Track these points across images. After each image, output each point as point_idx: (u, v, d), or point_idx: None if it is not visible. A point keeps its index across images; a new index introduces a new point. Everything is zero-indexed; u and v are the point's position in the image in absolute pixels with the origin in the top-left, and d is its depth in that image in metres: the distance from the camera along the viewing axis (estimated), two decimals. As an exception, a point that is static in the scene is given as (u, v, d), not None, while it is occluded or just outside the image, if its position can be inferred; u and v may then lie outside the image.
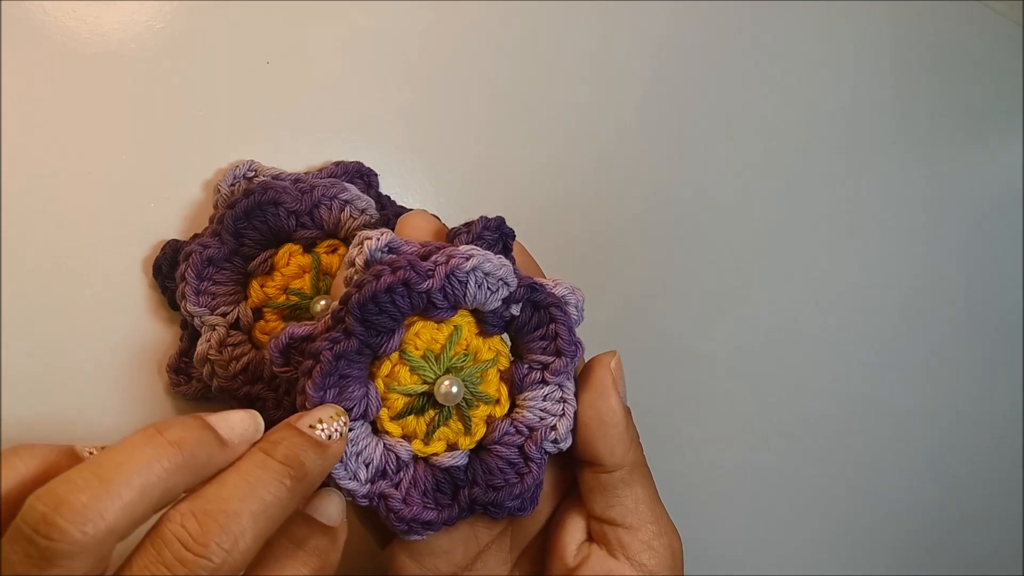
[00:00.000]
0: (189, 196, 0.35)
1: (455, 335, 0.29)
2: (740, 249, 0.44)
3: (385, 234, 0.28)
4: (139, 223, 0.34)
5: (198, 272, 0.32)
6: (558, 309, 0.30)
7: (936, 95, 0.50)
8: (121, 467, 0.21)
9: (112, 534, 0.21)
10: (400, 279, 0.26)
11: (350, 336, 0.27)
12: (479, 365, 0.29)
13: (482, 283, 0.28)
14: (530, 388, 0.30)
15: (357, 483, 0.28)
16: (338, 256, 0.34)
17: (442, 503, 0.29)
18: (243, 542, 0.22)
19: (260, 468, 0.24)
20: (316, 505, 0.26)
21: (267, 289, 0.33)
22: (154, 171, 0.34)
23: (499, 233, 0.29)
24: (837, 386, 0.46)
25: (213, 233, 0.33)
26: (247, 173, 0.34)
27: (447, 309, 0.28)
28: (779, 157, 0.45)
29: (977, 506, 0.51)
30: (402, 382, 0.28)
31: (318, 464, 0.25)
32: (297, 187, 0.34)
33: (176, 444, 0.22)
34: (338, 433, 0.26)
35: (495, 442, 0.30)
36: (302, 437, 0.25)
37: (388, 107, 0.38)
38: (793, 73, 0.46)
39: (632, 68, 0.42)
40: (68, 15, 0.33)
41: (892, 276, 0.48)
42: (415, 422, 0.29)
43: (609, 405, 0.29)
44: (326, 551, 0.26)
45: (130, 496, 0.21)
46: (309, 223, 0.34)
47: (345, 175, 0.36)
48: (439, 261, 0.27)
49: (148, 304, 0.34)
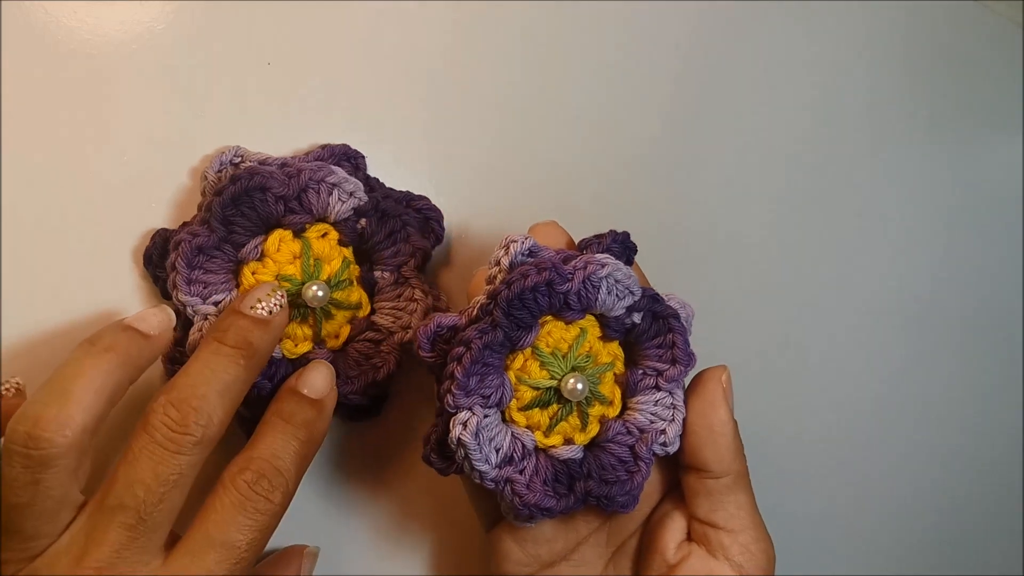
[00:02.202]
0: (177, 184, 0.35)
1: (581, 336, 0.31)
2: (739, 248, 0.44)
3: (528, 239, 0.31)
4: (130, 213, 0.34)
5: (188, 261, 0.32)
6: (676, 320, 0.32)
7: (935, 95, 0.50)
8: (74, 379, 0.26)
9: (85, 432, 0.26)
10: (544, 280, 0.29)
11: (496, 328, 0.29)
12: (599, 367, 0.32)
13: (612, 289, 0.30)
14: (643, 392, 0.32)
15: (488, 466, 0.30)
16: (328, 242, 0.34)
17: (560, 492, 0.31)
18: (216, 416, 0.27)
19: (216, 354, 0.28)
20: (303, 380, 0.30)
21: (259, 276, 0.33)
22: (144, 161, 0.34)
23: (624, 246, 0.32)
24: (836, 385, 0.47)
25: (202, 221, 0.33)
26: (233, 159, 0.34)
27: (579, 311, 0.31)
28: (778, 157, 0.45)
29: (978, 506, 0.52)
30: (532, 376, 0.31)
31: (265, 339, 0.29)
32: (284, 172, 0.33)
33: (110, 349, 0.27)
34: (277, 306, 0.30)
35: (608, 440, 0.32)
36: (246, 319, 0.29)
37: (387, 101, 0.38)
38: (791, 74, 0.46)
39: (643, 68, 0.42)
40: (68, 15, 0.33)
41: (891, 276, 0.49)
42: (539, 415, 0.31)
43: (720, 416, 0.31)
44: (313, 422, 0.30)
45: (89, 399, 0.26)
46: (298, 208, 0.33)
47: (332, 158, 0.35)
48: (578, 266, 0.30)
49: (140, 294, 0.34)
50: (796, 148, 0.46)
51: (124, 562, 0.25)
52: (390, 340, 0.35)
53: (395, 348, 0.34)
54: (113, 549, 0.25)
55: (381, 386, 0.34)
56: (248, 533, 0.26)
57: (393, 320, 0.35)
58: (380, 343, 0.35)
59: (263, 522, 0.27)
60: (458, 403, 0.30)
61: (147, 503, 0.25)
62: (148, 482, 0.26)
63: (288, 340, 0.33)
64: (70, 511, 0.26)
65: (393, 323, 0.35)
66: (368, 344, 0.35)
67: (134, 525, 0.25)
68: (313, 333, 0.34)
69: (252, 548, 0.27)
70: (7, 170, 0.32)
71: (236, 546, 0.26)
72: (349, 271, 0.35)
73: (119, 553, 0.25)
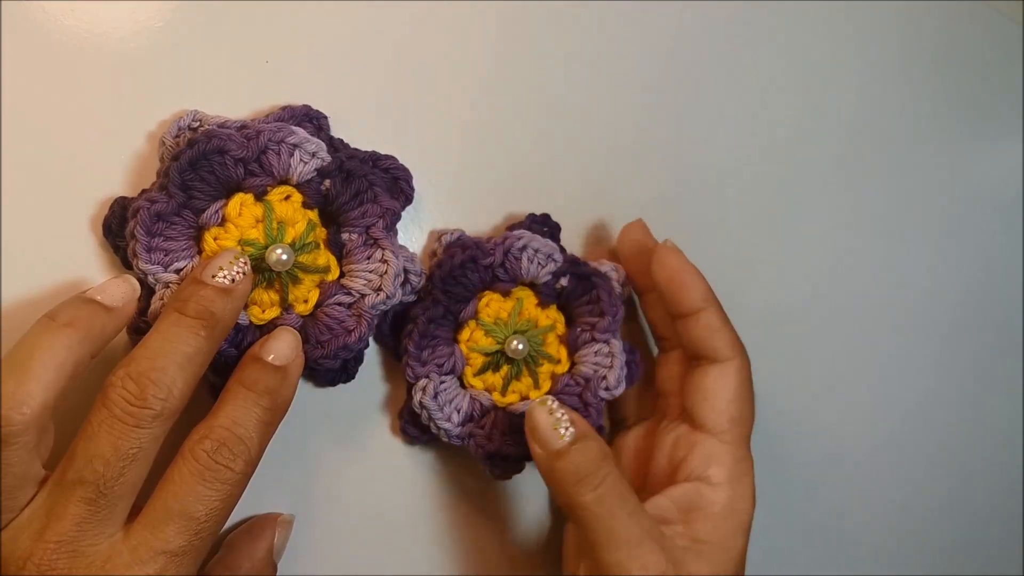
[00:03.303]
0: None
1: (518, 305, 0.36)
2: (737, 249, 0.44)
3: (458, 231, 0.36)
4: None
5: (147, 229, 0.31)
6: (598, 277, 0.36)
7: (936, 95, 0.50)
8: (34, 355, 0.25)
9: (44, 408, 0.25)
10: (469, 256, 0.34)
11: (436, 304, 0.34)
12: (540, 329, 0.36)
13: (533, 258, 0.35)
14: (583, 347, 0.36)
15: (451, 424, 0.34)
16: (291, 204, 0.33)
17: (519, 441, 0.34)
18: (176, 389, 0.26)
19: (176, 325, 0.27)
20: (267, 347, 0.30)
21: (221, 241, 0.32)
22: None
23: (544, 224, 0.37)
24: (835, 385, 0.47)
25: (160, 187, 0.32)
26: (191, 123, 0.33)
27: (509, 281, 0.35)
28: (777, 158, 0.45)
29: (978, 506, 0.52)
30: (479, 343, 0.35)
31: (228, 308, 0.29)
32: (243, 133, 0.32)
33: (70, 324, 0.26)
34: (240, 274, 0.29)
35: (558, 393, 0.36)
36: (208, 288, 0.28)
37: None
38: (792, 72, 0.45)
39: (633, 61, 0.42)
40: (67, 15, 0.32)
41: (891, 276, 0.49)
42: (493, 377, 0.36)
43: (659, 256, 0.36)
44: (277, 389, 0.29)
45: (48, 376, 0.25)
46: (258, 170, 0.33)
47: (293, 119, 0.34)
48: (497, 242, 0.35)
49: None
50: (795, 148, 0.46)
51: (85, 535, 0.25)
52: (361, 303, 0.34)
53: (366, 311, 0.34)
54: (74, 523, 0.25)
55: (352, 350, 0.34)
56: (208, 503, 0.26)
57: (364, 283, 0.34)
58: (351, 306, 0.34)
59: (224, 491, 0.26)
60: (416, 372, 0.34)
61: (107, 477, 0.25)
62: (107, 456, 0.25)
63: (255, 306, 0.33)
64: (32, 487, 0.26)
65: (364, 286, 0.34)
66: (338, 308, 0.34)
67: (94, 499, 0.25)
68: (280, 298, 0.33)
69: (213, 518, 0.26)
70: (8, 170, 0.32)
71: (195, 516, 0.26)
72: (315, 234, 0.34)
73: (80, 527, 0.25)
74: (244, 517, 0.34)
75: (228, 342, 0.31)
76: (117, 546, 0.26)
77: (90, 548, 0.25)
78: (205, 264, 0.29)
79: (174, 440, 0.28)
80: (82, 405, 0.28)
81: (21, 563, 0.25)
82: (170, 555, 0.26)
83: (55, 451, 0.27)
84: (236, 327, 0.32)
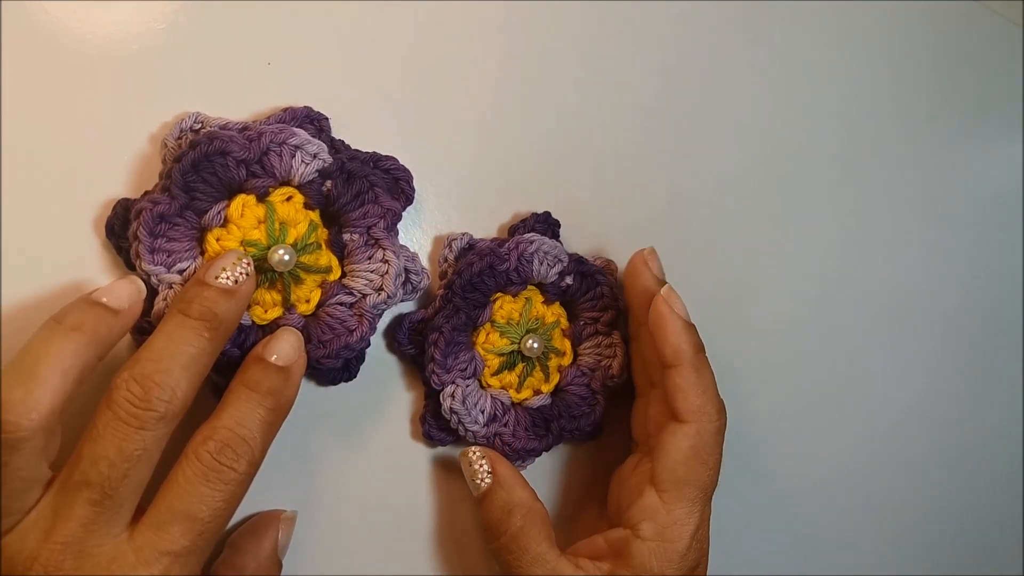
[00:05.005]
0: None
1: (528, 304, 0.37)
2: (736, 250, 0.44)
3: (466, 235, 0.37)
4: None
5: (150, 230, 0.31)
6: (601, 275, 0.38)
7: (935, 95, 0.50)
8: (41, 360, 0.25)
9: (52, 413, 0.25)
10: (487, 264, 0.35)
11: (458, 311, 0.35)
12: (548, 326, 0.38)
13: (543, 260, 0.37)
14: (587, 339, 0.39)
15: (478, 426, 0.36)
16: (293, 205, 0.34)
17: (539, 434, 0.37)
18: (180, 390, 0.26)
19: (180, 327, 0.27)
20: (270, 348, 0.30)
21: (224, 242, 0.32)
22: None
23: (547, 223, 0.38)
24: (834, 386, 0.47)
25: (163, 189, 0.32)
26: (193, 125, 0.33)
27: (520, 284, 0.37)
28: (776, 158, 0.45)
29: (978, 506, 0.52)
30: (496, 345, 0.37)
31: (231, 309, 0.29)
32: (244, 135, 0.32)
33: (77, 328, 0.26)
34: (243, 275, 0.29)
35: (568, 384, 0.38)
36: (211, 290, 0.28)
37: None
38: (791, 73, 0.45)
39: (633, 63, 0.42)
40: (68, 15, 0.32)
41: (891, 276, 0.49)
42: (509, 376, 0.37)
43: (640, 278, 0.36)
44: (280, 389, 0.29)
45: (55, 381, 0.25)
46: (260, 171, 0.33)
47: (294, 120, 0.34)
48: (511, 247, 0.36)
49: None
50: (795, 148, 0.46)
51: (90, 536, 0.25)
52: (362, 303, 0.34)
53: (368, 311, 0.34)
54: (79, 524, 0.25)
55: (354, 349, 0.34)
56: (212, 503, 0.26)
57: (365, 283, 0.34)
58: (352, 306, 0.34)
59: (228, 492, 0.27)
60: (443, 379, 0.35)
61: (111, 479, 0.25)
62: (112, 458, 0.25)
63: (257, 306, 0.33)
64: (38, 489, 0.26)
65: (365, 285, 0.34)
66: (340, 308, 0.34)
67: (99, 501, 0.25)
68: (283, 298, 0.33)
69: (217, 518, 0.27)
70: (8, 171, 0.32)
71: (199, 517, 0.26)
72: (316, 234, 0.34)
73: (85, 528, 0.25)
74: (246, 516, 0.35)
75: (231, 342, 0.31)
76: (122, 547, 0.26)
77: (95, 549, 0.25)
78: (208, 265, 0.29)
79: (178, 440, 0.28)
80: (88, 405, 0.28)
81: (28, 564, 0.25)
82: (174, 555, 0.26)
83: (61, 451, 0.28)
84: (239, 327, 0.32)
